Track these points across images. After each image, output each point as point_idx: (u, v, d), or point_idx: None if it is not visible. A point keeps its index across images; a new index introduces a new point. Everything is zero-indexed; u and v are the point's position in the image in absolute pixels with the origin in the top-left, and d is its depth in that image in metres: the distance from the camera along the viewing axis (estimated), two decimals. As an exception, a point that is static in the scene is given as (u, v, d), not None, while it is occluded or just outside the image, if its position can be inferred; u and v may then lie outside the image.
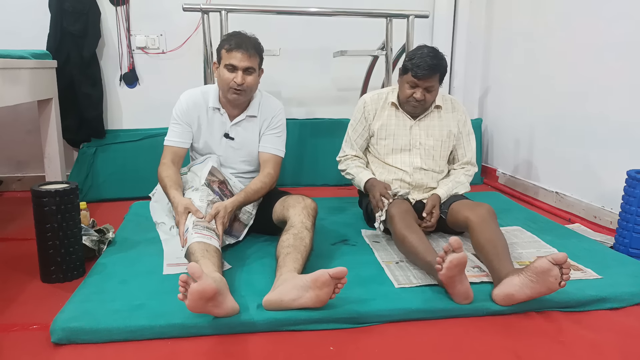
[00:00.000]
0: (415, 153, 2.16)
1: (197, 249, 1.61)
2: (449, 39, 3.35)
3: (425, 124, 2.16)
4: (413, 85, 2.03)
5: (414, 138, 2.15)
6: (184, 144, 2.02)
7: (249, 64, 1.90)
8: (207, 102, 2.02)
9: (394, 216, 1.86)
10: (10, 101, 2.19)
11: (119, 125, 3.17)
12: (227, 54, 1.90)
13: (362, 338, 1.42)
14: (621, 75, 2.32)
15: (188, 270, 1.32)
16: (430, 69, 1.96)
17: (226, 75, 1.90)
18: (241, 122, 2.04)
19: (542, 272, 1.45)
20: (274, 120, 2.08)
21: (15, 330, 1.44)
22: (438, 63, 1.98)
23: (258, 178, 2.00)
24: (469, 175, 2.20)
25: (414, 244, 1.73)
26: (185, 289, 1.33)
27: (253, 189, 1.94)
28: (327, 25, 3.20)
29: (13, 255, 2.01)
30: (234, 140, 2.05)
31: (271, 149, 2.07)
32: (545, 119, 2.86)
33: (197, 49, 3.06)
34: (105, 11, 2.99)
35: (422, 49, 2.02)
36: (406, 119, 2.16)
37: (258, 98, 2.06)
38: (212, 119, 2.03)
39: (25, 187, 3.05)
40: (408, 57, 2.03)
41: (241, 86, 1.90)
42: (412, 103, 2.07)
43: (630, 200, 2.01)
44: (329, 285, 1.43)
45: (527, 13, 3.00)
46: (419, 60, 1.97)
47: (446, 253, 1.47)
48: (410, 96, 2.05)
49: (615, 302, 1.59)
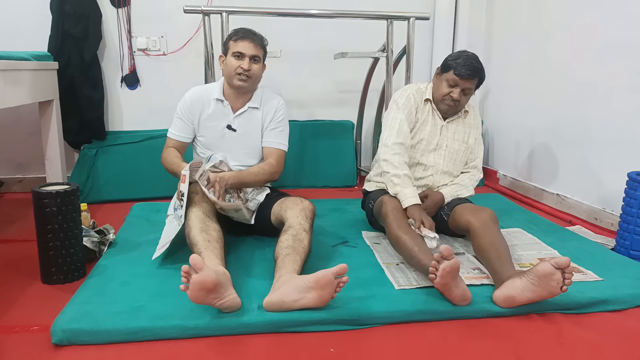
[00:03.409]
0: (440, 154, 2.15)
1: (200, 239, 1.66)
2: (449, 41, 3.35)
3: (453, 127, 2.16)
4: (453, 84, 2.02)
5: (442, 139, 2.15)
6: (185, 138, 2.11)
7: (255, 52, 2.00)
8: (211, 95, 2.09)
9: (387, 215, 1.87)
10: (11, 103, 2.20)
11: (120, 127, 3.17)
12: (235, 43, 2.00)
13: (363, 340, 1.42)
14: (622, 77, 2.32)
15: (190, 261, 1.35)
16: (474, 70, 1.98)
17: (233, 62, 1.99)
18: (243, 114, 2.10)
19: (545, 276, 1.45)
20: (277, 114, 2.13)
21: (16, 331, 1.44)
22: (481, 68, 2.01)
23: (258, 164, 2.09)
24: (474, 179, 2.21)
25: (408, 245, 1.73)
26: (187, 279, 1.36)
27: (251, 170, 2.03)
28: (328, 27, 3.21)
29: (14, 256, 2.01)
30: (236, 131, 2.09)
31: (274, 143, 2.13)
32: (546, 121, 2.86)
33: (198, 50, 3.06)
34: (107, 13, 2.99)
35: (466, 52, 2.04)
36: (438, 118, 2.15)
37: (260, 92, 2.14)
38: (215, 110, 2.08)
39: (26, 188, 3.05)
40: (453, 57, 2.03)
41: (247, 72, 1.98)
42: (448, 102, 2.06)
43: (631, 202, 2.01)
44: (331, 285, 1.44)
45: (527, 15, 3.01)
46: (465, 60, 1.98)
47: (438, 262, 1.48)
48: (447, 94, 2.04)
49: (616, 304, 1.59)
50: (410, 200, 1.92)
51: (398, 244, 1.78)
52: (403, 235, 1.77)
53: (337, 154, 3.26)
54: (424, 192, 2.10)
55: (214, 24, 2.67)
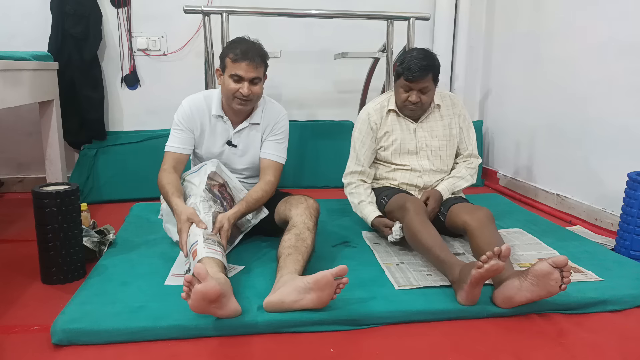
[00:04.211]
0: (422, 155, 2.16)
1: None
2: (449, 41, 3.35)
3: (428, 125, 2.16)
4: (407, 89, 2.03)
5: (420, 141, 2.15)
6: (185, 150, 1.98)
7: (255, 75, 1.86)
8: (210, 109, 1.99)
9: (409, 210, 1.87)
10: (11, 103, 2.20)
11: (120, 127, 3.17)
12: (233, 64, 1.85)
13: (363, 340, 1.42)
14: (622, 77, 2.32)
15: (194, 271, 1.32)
16: (421, 70, 1.95)
17: (232, 86, 1.86)
18: (244, 130, 2.02)
19: (543, 276, 1.45)
20: (277, 126, 2.05)
21: (16, 331, 1.44)
22: (429, 63, 1.97)
23: (259, 186, 1.96)
24: (471, 167, 2.20)
25: (428, 239, 1.74)
26: (189, 288, 1.33)
27: (254, 197, 1.91)
28: (328, 28, 3.21)
29: (14, 256, 2.01)
30: (237, 147, 2.03)
31: (272, 155, 2.04)
32: (546, 121, 2.86)
33: (198, 50, 3.06)
34: (107, 13, 2.99)
35: (412, 51, 2.03)
36: (409, 122, 2.15)
37: (262, 105, 2.03)
38: (214, 126, 2.00)
39: (26, 188, 3.05)
40: (399, 62, 2.03)
41: (247, 97, 1.87)
42: (409, 107, 2.07)
43: (631, 202, 2.01)
44: (330, 287, 1.44)
45: (528, 15, 3.01)
46: (409, 63, 1.97)
47: (494, 255, 1.44)
48: (406, 100, 2.05)
49: (616, 305, 1.59)
50: (372, 216, 2.10)
51: (416, 238, 1.78)
52: (423, 230, 1.78)
53: (338, 154, 3.23)
54: (424, 195, 2.09)
55: (214, 24, 2.67)
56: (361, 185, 2.20)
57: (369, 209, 2.12)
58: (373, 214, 2.10)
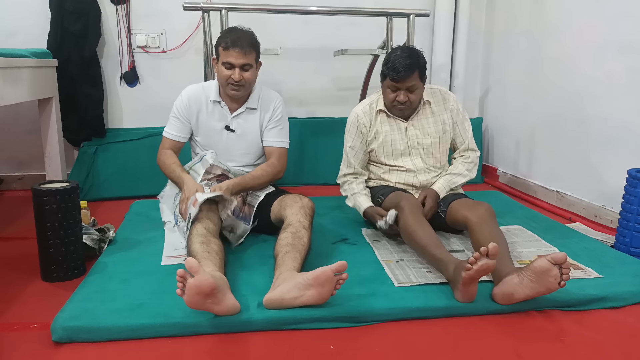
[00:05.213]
0: (415, 154, 2.16)
1: (200, 250, 1.62)
2: (449, 38, 3.34)
3: (419, 123, 2.15)
4: (394, 89, 2.02)
5: (412, 139, 2.14)
6: (181, 138, 2.11)
7: (245, 61, 1.95)
8: (208, 96, 2.07)
9: (404, 208, 1.87)
10: (10, 100, 2.19)
11: (120, 125, 3.17)
12: (224, 52, 1.95)
13: (362, 337, 1.42)
14: (622, 74, 2.32)
15: (185, 264, 1.32)
16: (405, 69, 1.95)
17: (224, 73, 1.96)
18: (241, 114, 2.09)
19: (542, 272, 1.45)
20: (275, 112, 2.12)
21: (16, 329, 1.45)
22: (413, 61, 1.96)
23: (260, 166, 2.09)
24: (469, 162, 2.19)
25: (423, 238, 1.74)
26: (183, 284, 1.33)
27: (253, 175, 2.03)
28: (328, 24, 3.20)
29: (14, 254, 2.01)
30: (235, 132, 2.08)
31: (274, 142, 2.13)
32: (546, 118, 2.86)
33: (197, 47, 3.06)
34: (106, 10, 2.98)
35: (396, 51, 2.02)
36: (399, 122, 2.15)
37: (257, 91, 2.12)
38: (212, 111, 2.08)
39: (26, 186, 3.05)
40: (384, 62, 2.03)
41: (239, 82, 1.96)
42: (398, 106, 2.06)
43: (630, 199, 2.01)
44: (330, 282, 1.44)
45: (528, 13, 3.00)
46: (394, 62, 1.96)
47: (482, 256, 1.44)
48: (393, 100, 2.04)
49: (615, 302, 1.59)
50: (364, 205, 2.14)
51: (412, 237, 1.79)
52: (418, 228, 1.78)
53: (337, 151, 3.21)
54: (422, 194, 2.09)
55: (213, 21, 2.66)
56: (354, 182, 2.22)
57: (362, 199, 2.16)
58: (366, 204, 2.13)
